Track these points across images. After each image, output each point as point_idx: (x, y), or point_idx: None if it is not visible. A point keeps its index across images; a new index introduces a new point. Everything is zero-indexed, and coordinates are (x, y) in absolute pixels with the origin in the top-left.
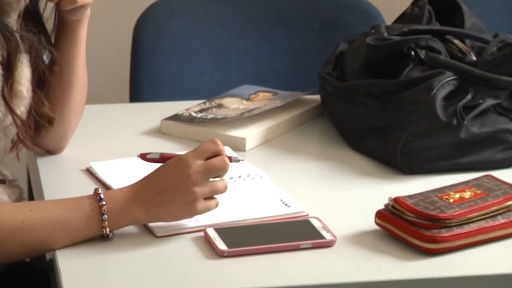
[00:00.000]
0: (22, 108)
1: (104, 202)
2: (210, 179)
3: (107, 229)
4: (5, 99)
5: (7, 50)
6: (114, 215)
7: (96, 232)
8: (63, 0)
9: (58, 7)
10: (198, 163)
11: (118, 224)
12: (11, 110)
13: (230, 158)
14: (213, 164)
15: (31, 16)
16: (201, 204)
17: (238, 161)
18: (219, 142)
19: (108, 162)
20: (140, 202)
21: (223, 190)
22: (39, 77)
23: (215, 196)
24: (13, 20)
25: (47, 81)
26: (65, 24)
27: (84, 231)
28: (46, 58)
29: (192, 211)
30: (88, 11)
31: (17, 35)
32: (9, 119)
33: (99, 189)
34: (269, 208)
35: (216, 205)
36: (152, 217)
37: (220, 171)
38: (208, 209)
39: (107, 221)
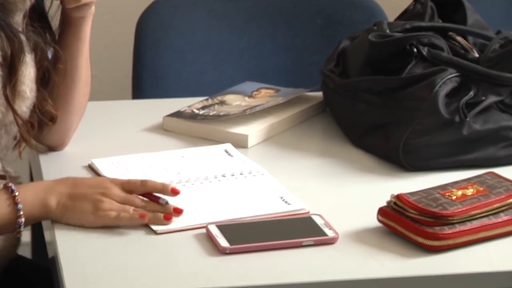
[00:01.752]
0: (24, 108)
1: (16, 193)
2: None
3: (22, 219)
4: (7, 99)
5: (10, 50)
6: (28, 203)
7: (13, 223)
8: None
9: (62, 5)
10: (118, 190)
11: (31, 213)
12: (12, 110)
13: (157, 198)
14: (131, 200)
15: (37, 14)
16: (103, 215)
17: (165, 203)
18: (147, 184)
19: (110, 159)
20: (53, 193)
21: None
22: (43, 75)
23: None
24: (18, 20)
25: (52, 79)
26: (69, 21)
27: (5, 225)
28: (49, 55)
29: (96, 219)
30: (93, 8)
31: (22, 36)
32: (9, 117)
33: (9, 183)
34: (268, 206)
35: (117, 217)
36: (62, 210)
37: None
38: (108, 220)
39: (22, 210)
